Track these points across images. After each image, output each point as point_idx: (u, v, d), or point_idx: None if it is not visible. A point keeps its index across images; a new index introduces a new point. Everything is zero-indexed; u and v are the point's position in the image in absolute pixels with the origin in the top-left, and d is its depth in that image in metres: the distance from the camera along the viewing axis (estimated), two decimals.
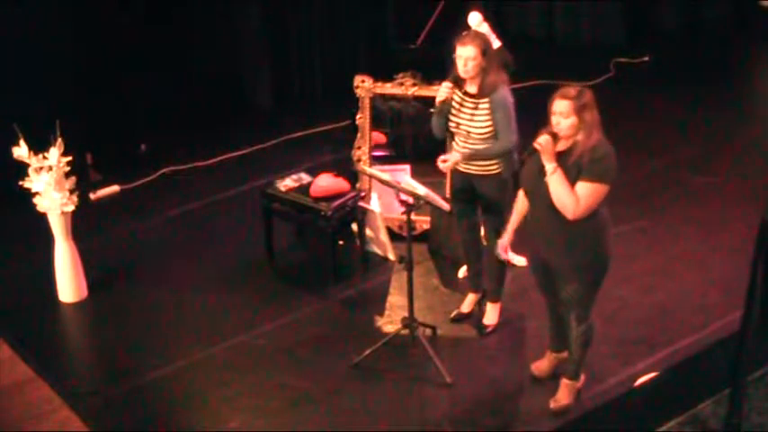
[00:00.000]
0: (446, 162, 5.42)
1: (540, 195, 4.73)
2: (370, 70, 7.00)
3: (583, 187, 4.61)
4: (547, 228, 4.79)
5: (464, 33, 5.36)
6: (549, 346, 5.36)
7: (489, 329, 5.80)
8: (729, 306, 5.67)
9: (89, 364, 5.91)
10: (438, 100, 5.47)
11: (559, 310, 5.09)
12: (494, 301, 5.84)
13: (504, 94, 5.32)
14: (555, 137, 4.65)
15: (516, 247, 6.34)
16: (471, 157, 5.43)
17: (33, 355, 5.71)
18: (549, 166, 4.63)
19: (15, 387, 5.49)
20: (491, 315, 5.84)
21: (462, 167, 5.50)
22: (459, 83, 5.41)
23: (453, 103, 5.44)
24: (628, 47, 9.91)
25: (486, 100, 5.32)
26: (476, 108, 5.37)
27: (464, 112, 5.41)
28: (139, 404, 5.36)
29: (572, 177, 4.62)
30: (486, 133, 5.35)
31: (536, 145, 4.64)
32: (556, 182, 4.62)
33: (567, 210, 4.63)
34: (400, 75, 6.70)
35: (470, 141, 5.42)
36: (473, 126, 5.38)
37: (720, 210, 7.03)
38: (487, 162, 5.42)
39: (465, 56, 5.25)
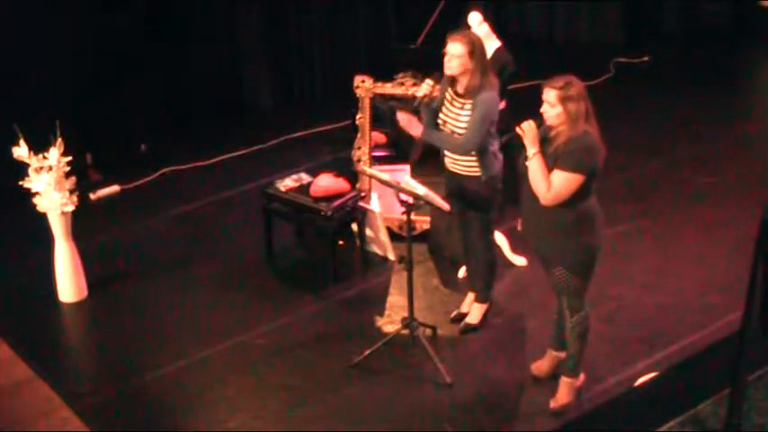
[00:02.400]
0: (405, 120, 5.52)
1: (526, 179, 4.84)
2: (370, 70, 7.00)
3: (555, 175, 4.72)
4: (532, 211, 4.89)
5: (458, 30, 5.37)
6: (551, 344, 5.36)
7: (469, 327, 5.81)
8: (729, 306, 5.68)
9: (89, 364, 5.91)
10: (418, 94, 5.52)
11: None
12: (480, 301, 5.85)
13: (489, 97, 5.32)
14: (543, 123, 4.77)
15: (516, 245, 6.37)
16: (427, 137, 5.47)
17: (33, 355, 5.71)
18: (530, 150, 4.78)
19: (15, 387, 5.49)
20: (474, 314, 5.85)
21: (449, 168, 5.55)
22: (451, 82, 5.43)
23: (444, 101, 5.47)
24: (628, 47, 9.91)
25: (471, 100, 5.34)
26: (461, 108, 5.39)
27: (451, 111, 5.44)
28: (139, 404, 5.36)
29: (550, 165, 4.74)
30: None
31: (518, 130, 4.78)
32: (533, 166, 4.76)
33: (539, 194, 4.76)
34: (400, 75, 6.70)
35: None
36: (457, 125, 5.40)
37: (720, 210, 7.03)
38: (469, 164, 5.44)
39: (452, 52, 5.30)
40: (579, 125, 4.69)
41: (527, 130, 4.76)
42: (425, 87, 5.50)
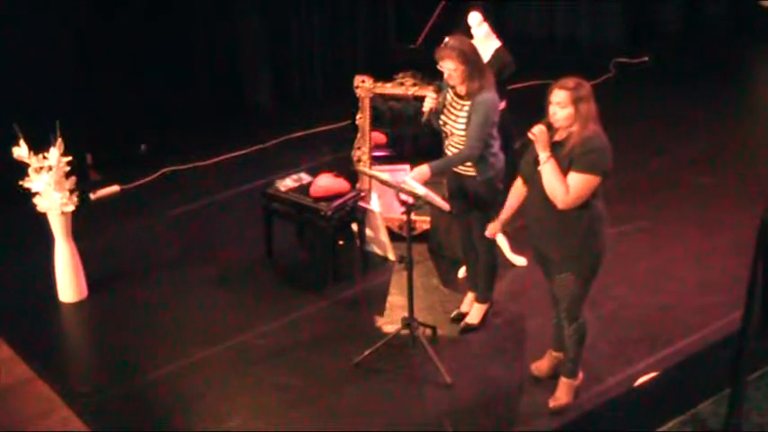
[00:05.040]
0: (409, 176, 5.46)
1: (535, 184, 4.81)
2: (370, 70, 7.00)
3: (573, 178, 4.67)
4: (541, 216, 4.85)
5: (442, 45, 5.36)
6: (551, 344, 5.36)
7: (469, 327, 5.81)
8: (729, 306, 5.67)
9: (89, 364, 5.92)
10: (424, 109, 5.54)
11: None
12: (480, 301, 5.85)
13: (488, 98, 5.32)
14: (550, 127, 4.72)
15: (517, 246, 6.38)
16: (438, 171, 5.43)
17: (33, 355, 5.71)
18: (543, 155, 4.72)
19: (15, 387, 5.49)
20: (474, 315, 5.85)
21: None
22: (452, 84, 5.44)
23: (446, 102, 5.48)
24: (628, 47, 9.91)
25: (469, 102, 5.34)
26: (460, 109, 5.39)
27: (451, 112, 5.44)
28: (139, 404, 5.36)
29: (564, 167, 4.69)
30: (465, 136, 5.37)
31: (530, 135, 4.73)
32: (548, 171, 4.70)
33: (557, 199, 4.70)
34: (400, 75, 6.70)
35: (453, 141, 5.45)
36: (456, 127, 5.40)
37: (720, 210, 7.03)
38: (470, 164, 5.44)
39: (447, 68, 5.31)
40: (589, 126, 4.68)
41: (538, 134, 4.70)
42: (429, 101, 5.50)
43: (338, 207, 6.32)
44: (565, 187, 4.67)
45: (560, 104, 4.67)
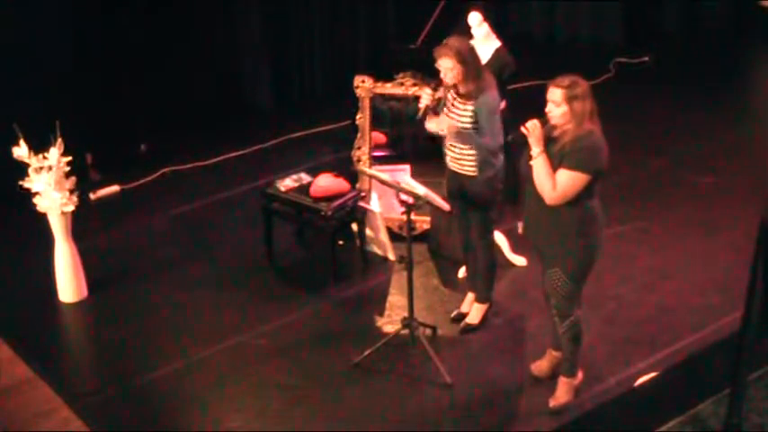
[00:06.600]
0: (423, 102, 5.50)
1: (530, 179, 4.84)
2: (370, 70, 7.00)
3: (561, 174, 4.71)
4: (535, 211, 4.89)
5: (441, 44, 5.39)
6: (551, 344, 5.37)
7: (469, 327, 5.82)
8: (729, 306, 5.68)
9: (89, 364, 5.91)
10: (420, 105, 5.55)
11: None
12: (480, 301, 5.86)
13: (489, 97, 5.36)
14: (546, 123, 4.76)
15: (517, 245, 6.38)
16: (456, 133, 5.43)
17: (33, 355, 5.71)
18: (535, 150, 4.77)
19: (15, 387, 5.49)
20: (474, 315, 5.86)
21: (451, 166, 5.56)
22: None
23: (446, 101, 5.49)
24: (628, 47, 9.91)
25: (471, 102, 5.36)
26: (463, 108, 5.41)
27: (453, 111, 5.46)
28: (139, 404, 5.37)
29: (555, 164, 4.73)
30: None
31: (523, 129, 4.77)
32: (538, 166, 4.75)
33: (544, 194, 4.74)
34: (400, 75, 6.70)
35: (453, 139, 5.45)
36: (459, 125, 5.41)
37: (720, 210, 7.03)
38: (470, 163, 5.46)
39: (444, 67, 5.35)
40: (584, 124, 4.70)
41: (532, 129, 4.75)
42: (426, 98, 5.52)
43: (338, 207, 6.32)
44: (552, 183, 4.71)
45: (555, 102, 4.71)
